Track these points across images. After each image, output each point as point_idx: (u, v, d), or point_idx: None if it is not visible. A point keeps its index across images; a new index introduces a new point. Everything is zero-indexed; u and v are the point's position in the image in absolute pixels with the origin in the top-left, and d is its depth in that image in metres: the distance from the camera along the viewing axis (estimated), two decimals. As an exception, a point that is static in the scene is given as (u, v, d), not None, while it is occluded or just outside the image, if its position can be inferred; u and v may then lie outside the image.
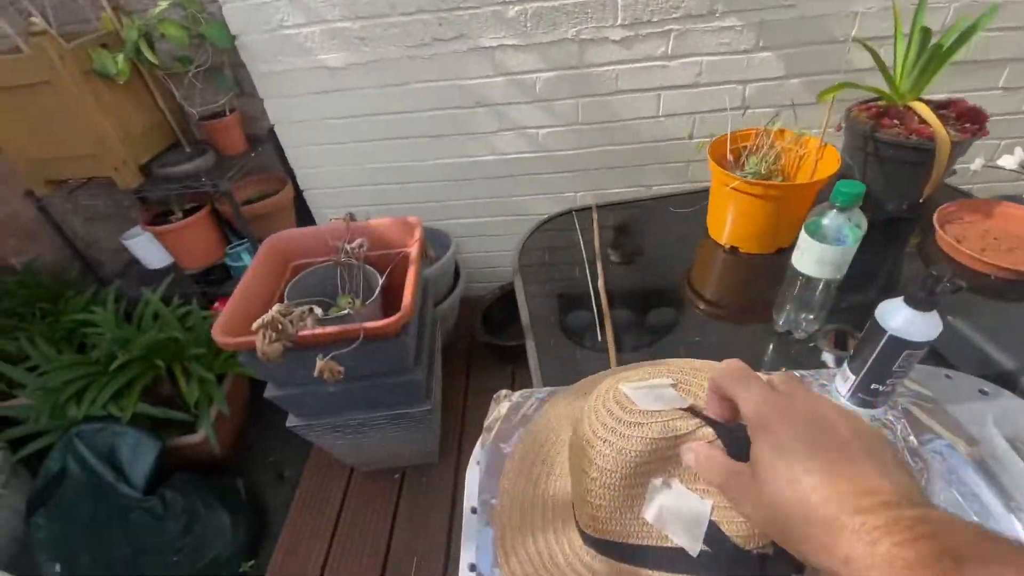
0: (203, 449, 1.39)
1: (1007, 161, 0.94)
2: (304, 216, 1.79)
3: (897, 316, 0.50)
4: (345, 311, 1.06)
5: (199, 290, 1.69)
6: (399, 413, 1.21)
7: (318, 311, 0.96)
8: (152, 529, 1.20)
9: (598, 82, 1.42)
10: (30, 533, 1.22)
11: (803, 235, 0.67)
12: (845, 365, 0.58)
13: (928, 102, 0.89)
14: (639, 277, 0.95)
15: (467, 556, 0.49)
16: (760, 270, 0.92)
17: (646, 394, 0.42)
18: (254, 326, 0.91)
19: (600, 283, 0.89)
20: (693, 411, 0.39)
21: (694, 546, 0.37)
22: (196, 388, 1.38)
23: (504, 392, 0.66)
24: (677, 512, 0.38)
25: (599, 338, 0.79)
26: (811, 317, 0.75)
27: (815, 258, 0.66)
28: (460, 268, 1.76)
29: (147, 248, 1.68)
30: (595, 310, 0.85)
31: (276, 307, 0.95)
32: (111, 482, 1.21)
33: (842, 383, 0.59)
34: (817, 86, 1.09)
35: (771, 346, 0.78)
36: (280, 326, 0.93)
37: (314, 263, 1.23)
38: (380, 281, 1.16)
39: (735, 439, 0.36)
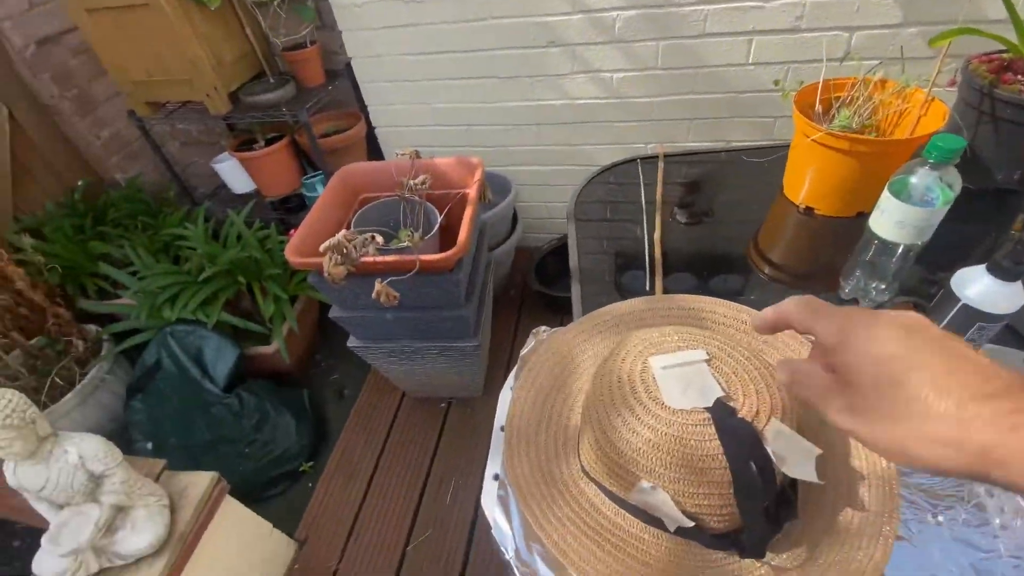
0: (275, 360, 1.53)
1: None
2: (375, 154, 1.84)
3: (975, 284, 0.46)
4: (404, 244, 1.11)
5: (277, 216, 1.81)
6: (448, 346, 1.26)
7: (379, 239, 1.00)
8: (229, 423, 1.36)
9: (684, 23, 1.33)
10: (128, 415, 1.41)
11: (886, 193, 0.62)
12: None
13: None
14: (702, 238, 0.90)
15: (492, 468, 0.53)
16: (835, 234, 0.86)
17: (676, 378, 0.42)
18: (322, 248, 0.98)
19: (656, 235, 0.87)
20: (718, 408, 0.39)
21: (671, 527, 0.42)
22: (271, 305, 1.50)
23: (543, 328, 0.68)
24: (661, 511, 0.41)
25: (648, 290, 0.78)
26: (882, 287, 0.70)
27: (896, 219, 0.61)
28: (518, 216, 1.76)
29: (233, 173, 1.80)
30: (647, 262, 0.83)
31: (342, 233, 1.01)
32: (197, 378, 1.38)
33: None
34: (935, 35, 0.96)
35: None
36: (345, 250, 0.98)
37: (380, 197, 1.28)
38: (439, 218, 1.19)
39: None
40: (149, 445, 1.37)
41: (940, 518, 0.47)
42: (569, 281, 0.84)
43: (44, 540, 0.83)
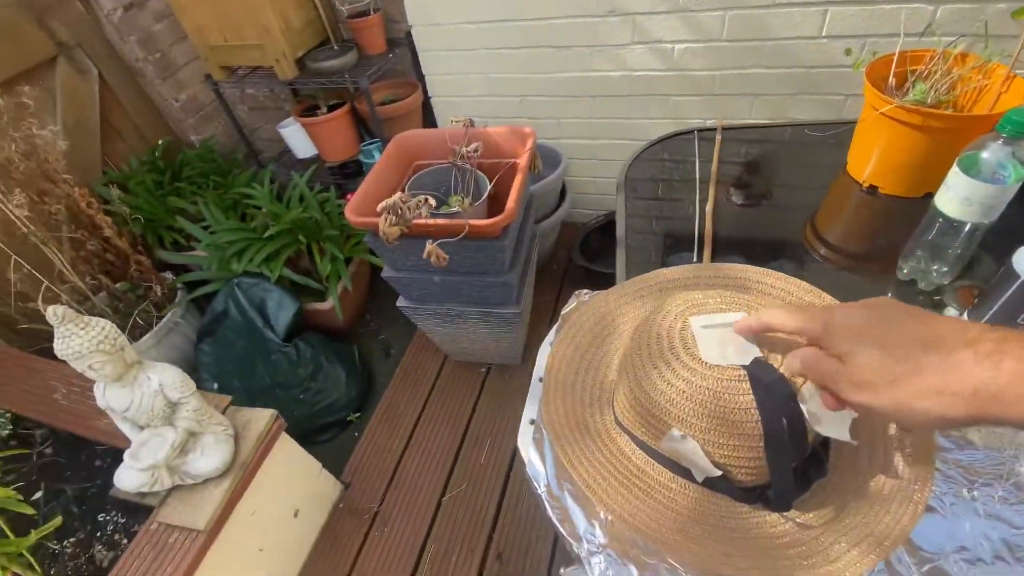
0: (330, 316, 1.62)
1: None
2: (430, 124, 1.88)
3: (1041, 261, 0.44)
4: (455, 209, 1.14)
5: (335, 181, 1.89)
6: (491, 312, 1.30)
7: (432, 202, 1.04)
8: (286, 370, 1.47)
9: (752, -9, 1.27)
10: (197, 357, 1.54)
11: (954, 169, 0.59)
12: (964, 315, 0.53)
13: None
14: (757, 219, 0.88)
15: (529, 413, 0.56)
16: (899, 215, 0.82)
17: (715, 337, 0.43)
18: (379, 208, 1.03)
19: (709, 207, 0.86)
20: (756, 364, 0.40)
21: (699, 477, 0.43)
22: (328, 264, 1.59)
23: (585, 291, 0.70)
24: (690, 460, 0.43)
25: (696, 260, 0.78)
26: (944, 269, 0.67)
27: (963, 196, 0.58)
28: (567, 190, 1.76)
29: (296, 138, 1.89)
30: (696, 235, 0.83)
31: (398, 195, 1.05)
32: (259, 327, 1.48)
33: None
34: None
35: (888, 295, 0.71)
36: (399, 211, 1.03)
37: (433, 164, 1.32)
38: (488, 186, 1.21)
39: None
40: (215, 385, 1.50)
41: (975, 493, 0.46)
42: (613, 258, 0.85)
43: (126, 456, 0.94)
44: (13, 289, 1.51)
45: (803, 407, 0.39)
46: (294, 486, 1.21)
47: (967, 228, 0.61)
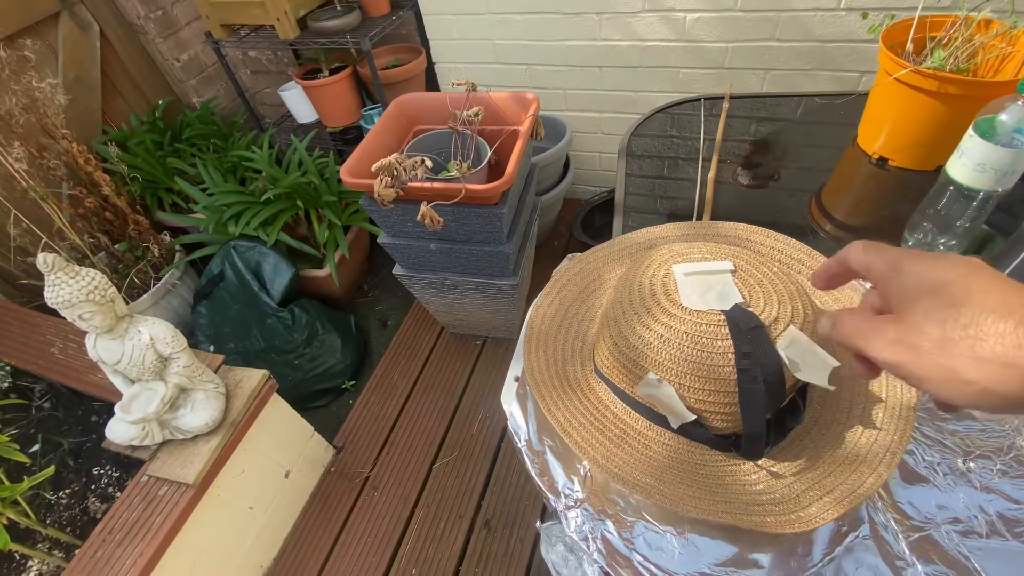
0: (326, 283, 1.62)
1: None
2: (433, 91, 1.84)
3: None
4: (453, 173, 1.12)
5: (336, 147, 1.86)
6: (487, 282, 1.29)
7: (428, 162, 1.02)
8: (282, 334, 1.46)
9: (769, -42, 1.22)
10: (194, 319, 1.54)
11: (969, 132, 0.56)
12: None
13: None
14: (764, 193, 0.85)
15: (514, 370, 0.55)
16: (908, 189, 0.79)
17: (697, 283, 0.42)
18: (374, 168, 1.01)
19: (711, 175, 0.84)
20: (735, 311, 0.39)
21: (675, 423, 0.42)
22: (326, 231, 1.57)
23: (577, 254, 0.68)
24: (665, 405, 0.42)
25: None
26: (952, 242, 0.65)
27: (976, 160, 0.56)
28: (570, 163, 1.73)
29: (298, 101, 1.86)
30: (697, 203, 0.80)
31: (394, 155, 1.03)
32: (255, 291, 1.48)
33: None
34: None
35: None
36: (395, 172, 1.01)
37: (434, 129, 1.29)
38: (488, 152, 1.19)
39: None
40: (211, 348, 1.50)
41: (971, 464, 0.45)
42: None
43: (117, 408, 0.94)
44: (12, 244, 1.51)
45: (782, 353, 0.38)
46: (285, 447, 1.22)
47: (979, 197, 0.59)
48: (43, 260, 0.77)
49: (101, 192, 1.52)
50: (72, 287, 0.80)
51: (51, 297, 0.79)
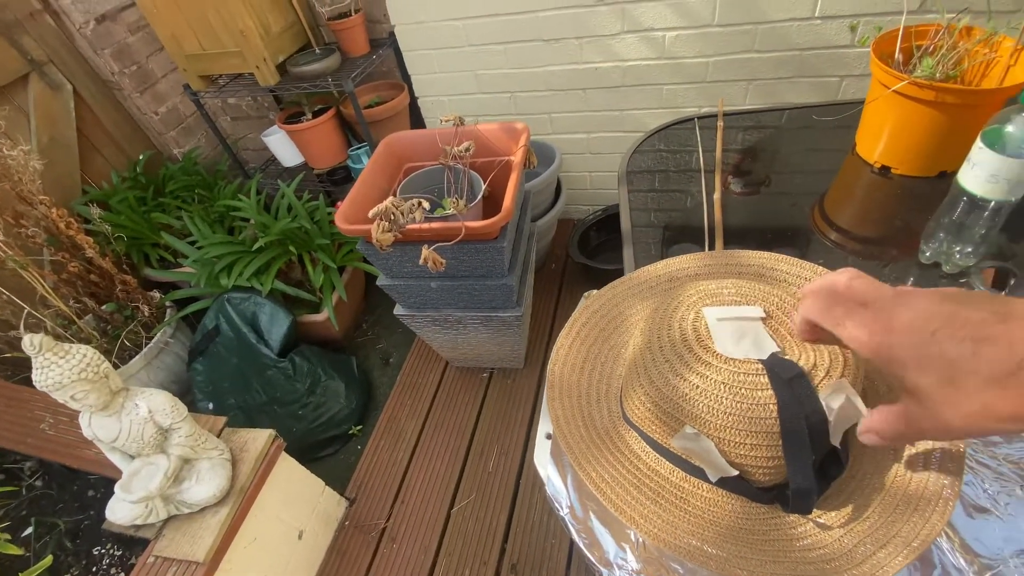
0: (325, 327, 1.58)
1: None
2: (418, 125, 1.83)
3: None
4: (449, 211, 1.10)
5: (324, 188, 1.84)
6: (491, 315, 1.26)
7: (426, 205, 1.00)
8: (283, 385, 1.42)
9: (743, -26, 1.24)
10: (190, 376, 1.49)
11: (978, 144, 0.56)
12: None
13: None
14: (761, 207, 0.85)
15: (544, 427, 0.52)
16: (914, 196, 0.79)
17: (730, 330, 0.40)
18: (371, 214, 0.98)
19: (716, 195, 0.83)
20: (774, 359, 0.38)
21: (713, 477, 0.40)
22: (321, 274, 1.54)
23: (594, 292, 0.66)
24: (704, 459, 0.40)
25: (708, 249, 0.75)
26: (968, 250, 0.64)
27: (988, 172, 0.55)
28: (562, 186, 1.73)
29: (282, 146, 1.84)
30: (705, 226, 0.79)
31: (390, 199, 1.01)
32: (253, 343, 1.44)
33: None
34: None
35: (911, 279, 0.68)
36: (392, 216, 0.99)
37: (425, 165, 1.28)
38: (483, 186, 1.17)
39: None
40: (210, 405, 1.45)
41: (1034, 492, 0.43)
42: (612, 253, 0.82)
43: (117, 488, 0.89)
44: (-6, 316, 1.46)
45: (824, 403, 0.36)
46: (297, 507, 1.17)
47: (992, 206, 0.58)
48: (29, 342, 0.73)
49: (85, 255, 1.48)
50: (63, 367, 0.76)
51: (40, 380, 0.75)
